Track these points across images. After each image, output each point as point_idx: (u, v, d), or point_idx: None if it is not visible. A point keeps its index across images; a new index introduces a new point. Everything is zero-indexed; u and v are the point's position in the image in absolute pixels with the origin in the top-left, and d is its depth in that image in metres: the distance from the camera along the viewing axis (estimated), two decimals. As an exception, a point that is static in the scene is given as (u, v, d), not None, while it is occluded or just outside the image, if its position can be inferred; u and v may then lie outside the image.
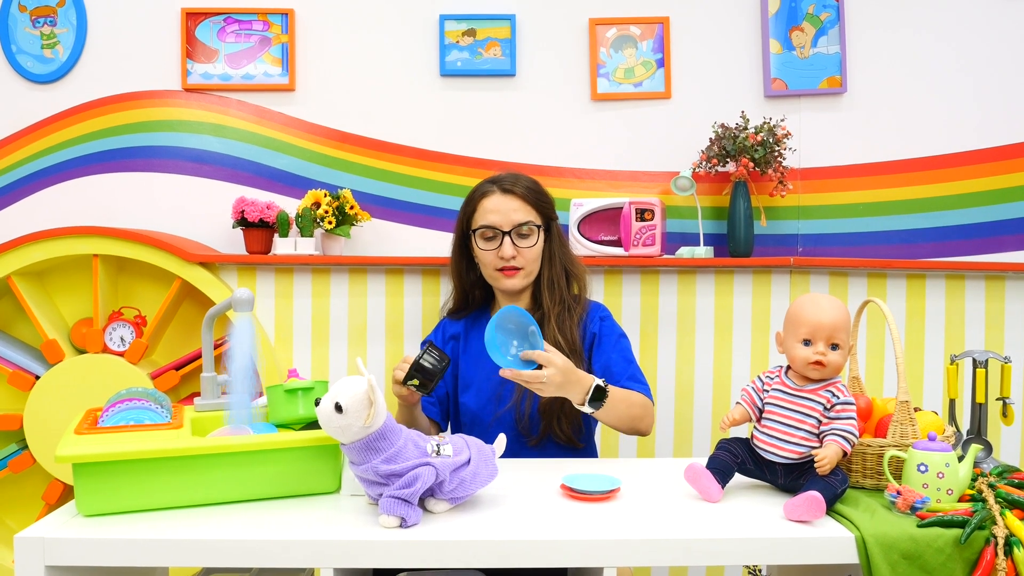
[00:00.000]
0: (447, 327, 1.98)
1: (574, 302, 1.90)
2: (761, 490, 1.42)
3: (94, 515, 1.25)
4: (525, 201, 1.84)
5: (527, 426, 1.80)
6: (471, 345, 1.93)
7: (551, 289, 1.87)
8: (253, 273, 2.31)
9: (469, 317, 1.97)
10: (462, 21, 2.44)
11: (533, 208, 1.85)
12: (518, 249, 1.83)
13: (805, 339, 1.38)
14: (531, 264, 1.85)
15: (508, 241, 1.82)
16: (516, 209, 1.83)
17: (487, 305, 1.99)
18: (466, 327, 1.96)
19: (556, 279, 1.88)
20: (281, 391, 1.48)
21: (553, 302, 1.86)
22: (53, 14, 2.43)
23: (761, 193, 2.37)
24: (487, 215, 1.84)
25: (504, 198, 1.84)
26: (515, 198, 1.84)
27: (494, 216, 1.83)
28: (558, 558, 1.17)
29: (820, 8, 2.42)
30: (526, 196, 1.85)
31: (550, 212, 1.90)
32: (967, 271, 2.30)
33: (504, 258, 1.83)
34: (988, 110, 2.40)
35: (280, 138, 2.45)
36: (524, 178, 1.89)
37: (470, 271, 1.95)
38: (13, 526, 2.37)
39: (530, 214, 1.84)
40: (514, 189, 1.84)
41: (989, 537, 1.18)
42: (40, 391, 2.21)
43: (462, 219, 1.91)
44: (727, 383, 2.31)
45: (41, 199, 2.44)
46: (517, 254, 1.83)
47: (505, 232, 1.82)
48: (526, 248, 1.83)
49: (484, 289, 1.96)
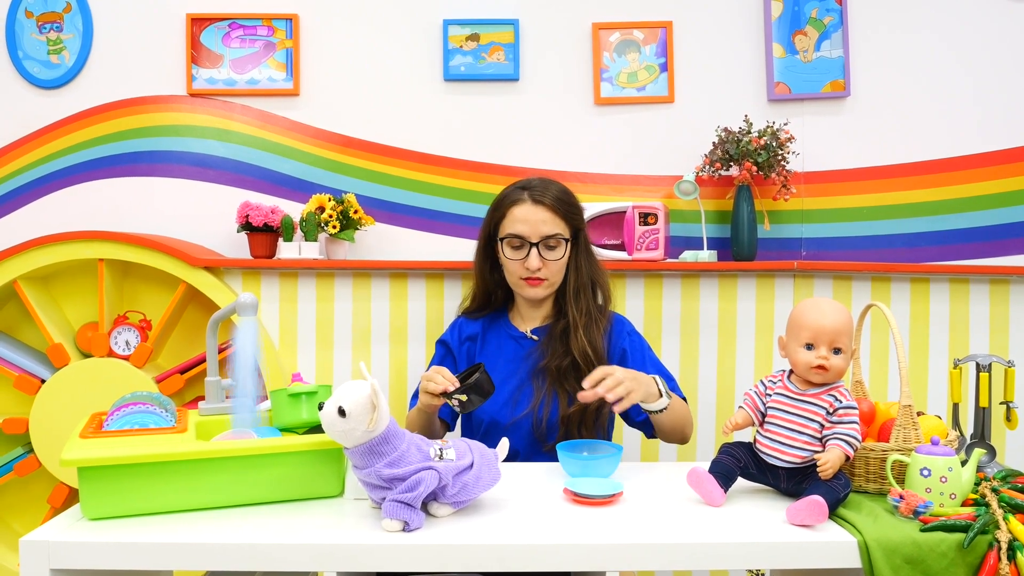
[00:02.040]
0: (463, 326, 1.96)
1: (599, 312, 1.88)
2: (764, 494, 1.42)
3: (99, 519, 1.26)
4: (555, 212, 1.81)
5: (544, 432, 1.78)
6: (488, 347, 1.92)
7: (576, 299, 1.85)
8: (257, 277, 2.32)
9: (487, 318, 1.95)
10: (466, 26, 2.45)
11: (562, 219, 1.82)
12: (544, 261, 1.81)
13: (807, 343, 1.38)
14: (556, 275, 1.84)
15: (535, 252, 1.80)
16: (545, 221, 1.80)
17: (505, 306, 1.97)
18: (484, 328, 1.94)
19: (582, 289, 1.86)
20: (285, 395, 1.48)
21: (579, 312, 1.84)
22: (59, 20, 2.45)
23: (764, 197, 2.37)
24: (516, 224, 1.81)
25: (534, 208, 1.81)
26: (545, 209, 1.81)
27: (522, 226, 1.80)
28: (560, 562, 1.17)
29: (823, 12, 2.43)
30: (556, 207, 1.81)
31: (578, 222, 1.87)
32: (971, 275, 2.29)
33: (530, 269, 1.81)
34: (992, 113, 2.40)
35: (284, 143, 2.46)
36: (555, 186, 1.85)
37: (494, 272, 1.93)
38: (19, 529, 2.38)
39: (558, 226, 1.81)
40: (544, 200, 1.81)
41: (992, 541, 1.17)
42: (46, 395, 2.21)
43: (489, 222, 1.89)
44: (730, 387, 2.31)
45: (47, 204, 2.46)
46: (543, 266, 1.81)
47: (533, 243, 1.80)
48: (552, 260, 1.82)
49: (505, 290, 1.94)
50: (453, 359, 1.94)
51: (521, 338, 1.89)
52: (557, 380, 1.80)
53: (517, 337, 1.90)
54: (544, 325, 1.90)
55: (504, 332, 1.92)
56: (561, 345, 1.82)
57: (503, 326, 1.93)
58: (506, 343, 1.90)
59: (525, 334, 1.89)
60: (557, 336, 1.83)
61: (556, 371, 1.80)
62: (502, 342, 1.90)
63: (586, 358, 1.78)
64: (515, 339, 1.90)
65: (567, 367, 1.79)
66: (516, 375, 1.85)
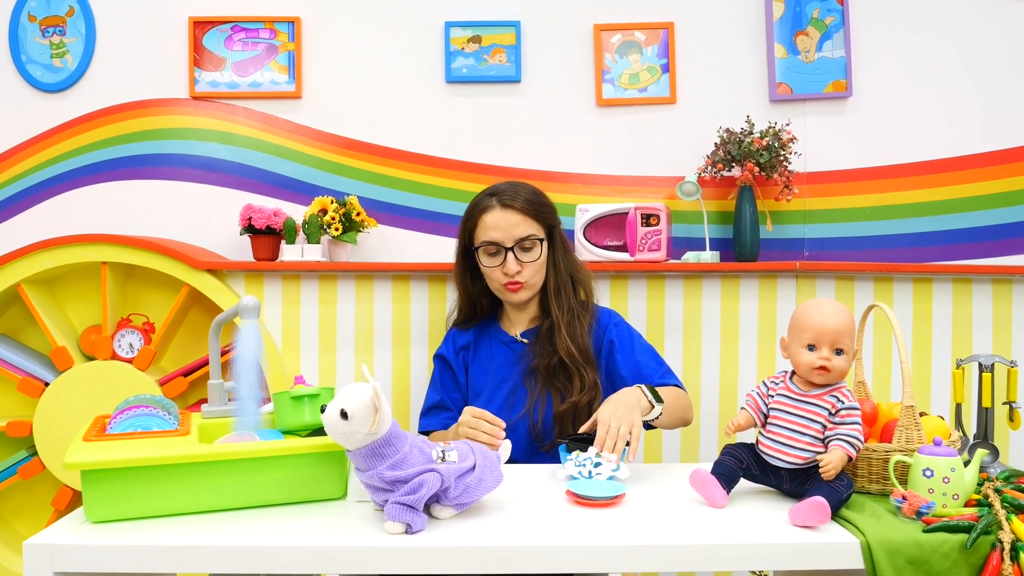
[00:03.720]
0: (456, 337, 1.99)
1: (582, 309, 1.90)
2: (766, 495, 1.42)
3: (102, 521, 1.26)
4: (525, 214, 1.83)
5: (540, 433, 1.80)
6: (480, 354, 1.94)
7: (558, 297, 1.87)
8: (260, 280, 2.32)
9: (477, 327, 1.98)
10: (467, 28, 2.45)
11: (534, 219, 1.84)
12: (522, 264, 1.83)
13: (809, 344, 1.38)
14: (535, 276, 1.86)
15: (512, 257, 1.82)
16: (517, 223, 1.82)
17: (495, 313, 1.99)
18: (476, 336, 1.97)
19: (563, 286, 1.88)
20: (287, 398, 1.49)
21: (561, 310, 1.85)
22: (62, 24, 2.45)
23: (767, 197, 2.37)
24: (489, 231, 1.83)
25: (504, 213, 1.83)
26: (515, 212, 1.82)
27: (496, 232, 1.83)
28: (563, 564, 1.17)
29: (825, 12, 2.42)
30: (526, 209, 1.83)
31: (552, 220, 1.89)
32: (974, 274, 2.29)
33: (508, 274, 1.83)
34: (994, 113, 2.40)
35: (287, 145, 2.47)
36: (524, 188, 1.87)
37: (476, 282, 1.95)
38: (22, 532, 2.38)
39: (531, 227, 1.84)
40: (513, 203, 1.83)
41: (995, 542, 1.17)
42: (49, 398, 2.22)
43: (464, 233, 1.91)
44: (733, 388, 2.31)
45: (50, 207, 2.46)
46: (522, 268, 1.83)
47: (508, 248, 1.82)
48: (529, 262, 1.84)
49: (490, 298, 1.96)
50: (452, 372, 1.96)
51: (512, 342, 1.92)
52: (548, 380, 1.82)
53: (508, 342, 1.92)
54: (533, 327, 1.92)
55: (495, 338, 1.94)
56: (549, 345, 1.84)
57: (494, 332, 1.95)
58: (498, 349, 1.92)
59: (515, 338, 1.92)
60: (544, 336, 1.85)
61: (546, 371, 1.82)
62: (494, 348, 1.93)
63: (571, 356, 1.80)
64: (506, 344, 1.92)
65: (555, 366, 1.82)
66: (510, 379, 1.87)
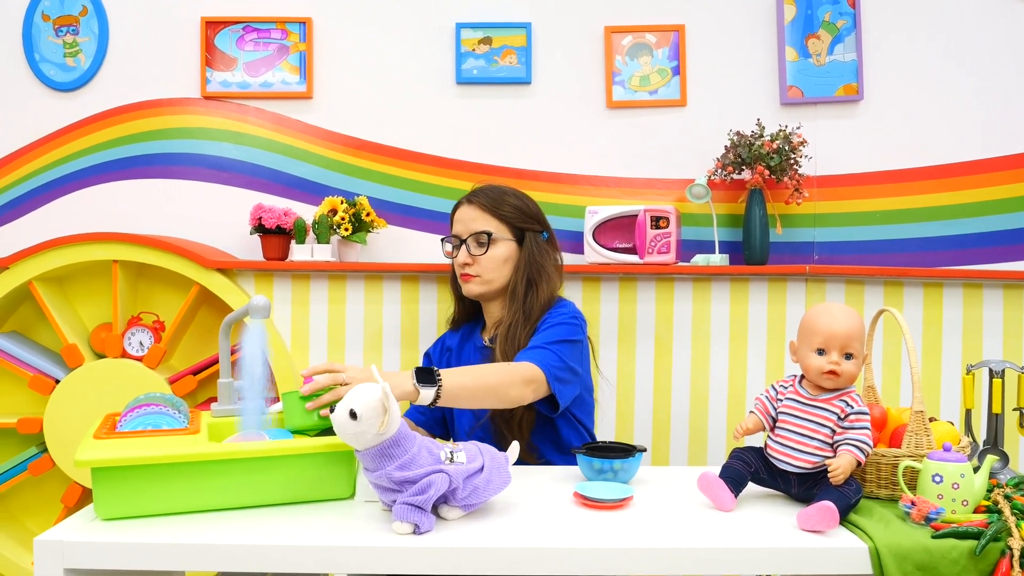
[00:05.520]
0: (446, 339, 2.05)
1: (541, 312, 1.86)
2: (774, 500, 1.42)
3: (112, 519, 1.27)
4: (484, 210, 1.89)
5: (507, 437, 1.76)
6: (460, 359, 1.98)
7: (512, 299, 1.88)
8: (270, 279, 2.33)
9: (464, 330, 2.03)
10: (478, 29, 2.45)
11: (494, 217, 1.89)
12: (473, 257, 1.87)
13: (819, 348, 1.38)
14: (489, 272, 1.88)
15: (463, 248, 1.89)
16: (475, 218, 1.89)
17: (478, 315, 2.02)
18: (460, 340, 2.01)
19: (518, 287, 1.87)
20: (297, 397, 1.49)
21: (512, 312, 1.85)
22: (76, 23, 2.47)
23: (777, 201, 2.36)
24: (455, 225, 1.94)
25: (467, 208, 1.91)
26: (475, 207, 1.90)
27: (457, 225, 1.93)
28: (571, 566, 1.18)
29: (836, 16, 2.42)
30: (486, 206, 1.89)
31: (520, 223, 1.90)
32: (985, 279, 2.28)
33: (458, 264, 1.90)
34: (1005, 117, 2.39)
35: (298, 145, 2.48)
36: (493, 189, 1.93)
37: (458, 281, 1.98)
38: (33, 528, 2.40)
39: (489, 224, 1.88)
40: (475, 199, 1.91)
41: (1004, 549, 1.17)
42: (60, 395, 2.23)
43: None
44: (742, 392, 2.31)
45: (62, 206, 2.48)
46: (473, 261, 1.88)
47: (463, 240, 1.89)
48: (481, 256, 1.87)
49: (474, 302, 2.00)
50: None
51: (482, 348, 1.95)
52: None
53: (480, 347, 1.96)
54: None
55: (471, 344, 1.99)
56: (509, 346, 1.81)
57: (473, 338, 2.00)
58: (472, 354, 1.97)
59: (486, 343, 1.94)
60: (502, 339, 1.84)
61: None
62: (469, 353, 1.98)
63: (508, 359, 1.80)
64: (479, 349, 1.96)
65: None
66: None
